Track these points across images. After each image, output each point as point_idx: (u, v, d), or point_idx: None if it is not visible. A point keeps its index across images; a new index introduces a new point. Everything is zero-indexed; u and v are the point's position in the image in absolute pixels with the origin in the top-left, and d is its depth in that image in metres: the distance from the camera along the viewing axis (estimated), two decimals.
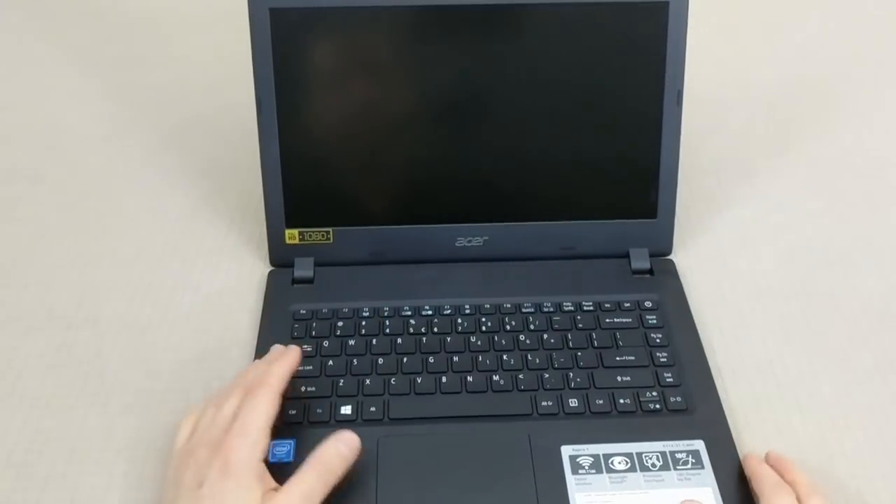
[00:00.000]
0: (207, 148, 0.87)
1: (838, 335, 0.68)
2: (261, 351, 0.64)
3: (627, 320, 0.66)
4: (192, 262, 0.74)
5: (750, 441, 0.60)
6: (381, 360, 0.63)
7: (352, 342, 0.64)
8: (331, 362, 0.63)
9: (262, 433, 0.52)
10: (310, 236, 0.70)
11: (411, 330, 0.65)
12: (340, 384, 0.62)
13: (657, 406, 0.60)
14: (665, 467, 0.56)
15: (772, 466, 0.55)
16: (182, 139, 0.88)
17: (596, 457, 0.57)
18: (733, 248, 0.75)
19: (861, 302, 0.70)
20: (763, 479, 0.54)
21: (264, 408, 0.53)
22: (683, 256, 0.74)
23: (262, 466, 0.51)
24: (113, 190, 0.82)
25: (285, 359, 0.58)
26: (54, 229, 0.78)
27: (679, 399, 0.60)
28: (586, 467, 0.56)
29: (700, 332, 0.66)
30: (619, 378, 0.62)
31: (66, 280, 0.72)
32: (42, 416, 0.62)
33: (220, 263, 0.74)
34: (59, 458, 0.59)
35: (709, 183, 0.82)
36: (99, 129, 0.90)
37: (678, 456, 0.57)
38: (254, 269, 0.73)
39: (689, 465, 0.57)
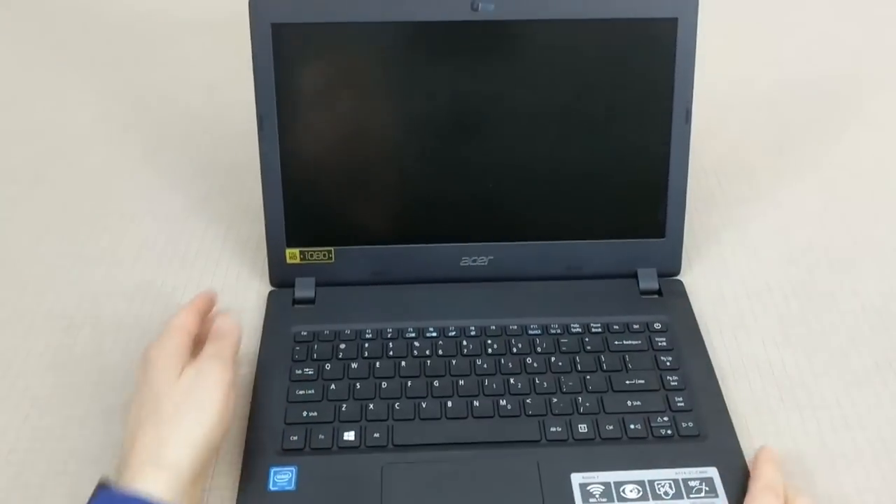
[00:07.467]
0: (207, 152, 0.86)
1: (839, 336, 0.67)
2: (262, 374, 0.63)
3: (637, 342, 0.65)
4: (192, 263, 0.74)
5: None
6: (384, 384, 0.62)
7: (354, 365, 0.63)
8: (333, 386, 0.61)
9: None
10: (311, 256, 0.69)
11: (415, 352, 0.64)
12: (343, 409, 0.60)
13: (668, 431, 0.59)
14: (678, 496, 0.55)
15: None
16: (182, 139, 0.88)
17: (607, 485, 0.56)
18: (740, 270, 0.74)
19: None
20: (757, 478, 0.54)
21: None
22: (690, 276, 0.72)
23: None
24: (113, 190, 0.82)
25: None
26: (54, 229, 0.77)
27: (691, 424, 0.59)
28: (597, 496, 0.55)
29: (710, 354, 0.65)
30: (629, 402, 0.60)
31: (66, 280, 0.72)
32: (42, 415, 0.62)
33: (220, 283, 0.72)
34: (59, 458, 0.59)
35: (709, 183, 0.82)
36: (99, 129, 0.90)
37: (691, 484, 0.56)
38: (253, 289, 0.71)
39: (702, 493, 0.55)
